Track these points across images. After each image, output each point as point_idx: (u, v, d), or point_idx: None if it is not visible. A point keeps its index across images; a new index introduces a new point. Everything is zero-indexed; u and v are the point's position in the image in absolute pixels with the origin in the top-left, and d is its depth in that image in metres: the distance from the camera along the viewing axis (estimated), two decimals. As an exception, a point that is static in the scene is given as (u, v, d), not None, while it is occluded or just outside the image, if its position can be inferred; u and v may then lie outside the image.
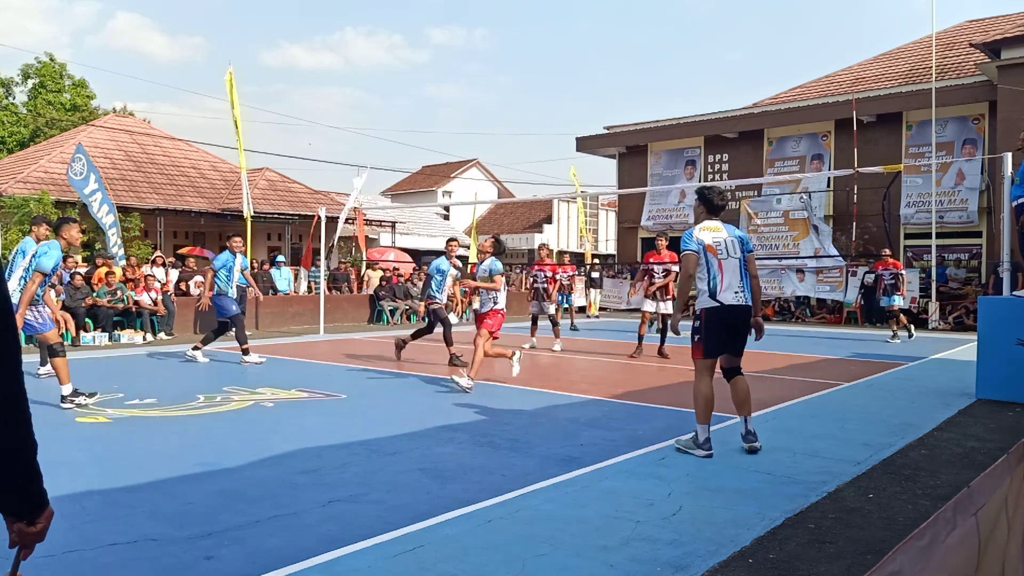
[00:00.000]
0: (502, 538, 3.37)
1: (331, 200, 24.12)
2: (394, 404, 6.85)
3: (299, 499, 3.93)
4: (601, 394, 7.44)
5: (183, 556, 3.14)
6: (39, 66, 35.27)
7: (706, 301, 4.93)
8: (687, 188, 23.17)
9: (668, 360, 10.35)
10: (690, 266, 4.96)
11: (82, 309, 12.22)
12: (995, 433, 5.70)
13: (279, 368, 9.30)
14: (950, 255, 19.02)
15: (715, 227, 5.08)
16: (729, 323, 4.96)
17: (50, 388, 6.98)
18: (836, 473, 4.50)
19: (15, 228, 16.24)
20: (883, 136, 19.90)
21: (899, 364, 10.14)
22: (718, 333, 4.95)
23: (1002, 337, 7.04)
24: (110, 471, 4.45)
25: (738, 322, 5.00)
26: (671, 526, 3.55)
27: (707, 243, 4.98)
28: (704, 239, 4.99)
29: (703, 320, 4.94)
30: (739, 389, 5.09)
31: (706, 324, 4.93)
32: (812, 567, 3.06)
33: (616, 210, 27.94)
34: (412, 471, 4.53)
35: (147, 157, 22.72)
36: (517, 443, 5.25)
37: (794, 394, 7.46)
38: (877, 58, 24.21)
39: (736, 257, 4.99)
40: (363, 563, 3.07)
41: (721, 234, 5.05)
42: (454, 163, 40.79)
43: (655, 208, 24.04)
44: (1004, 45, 16.92)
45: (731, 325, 4.98)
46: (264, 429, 5.73)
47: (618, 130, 25.55)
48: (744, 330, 5.06)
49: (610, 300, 22.29)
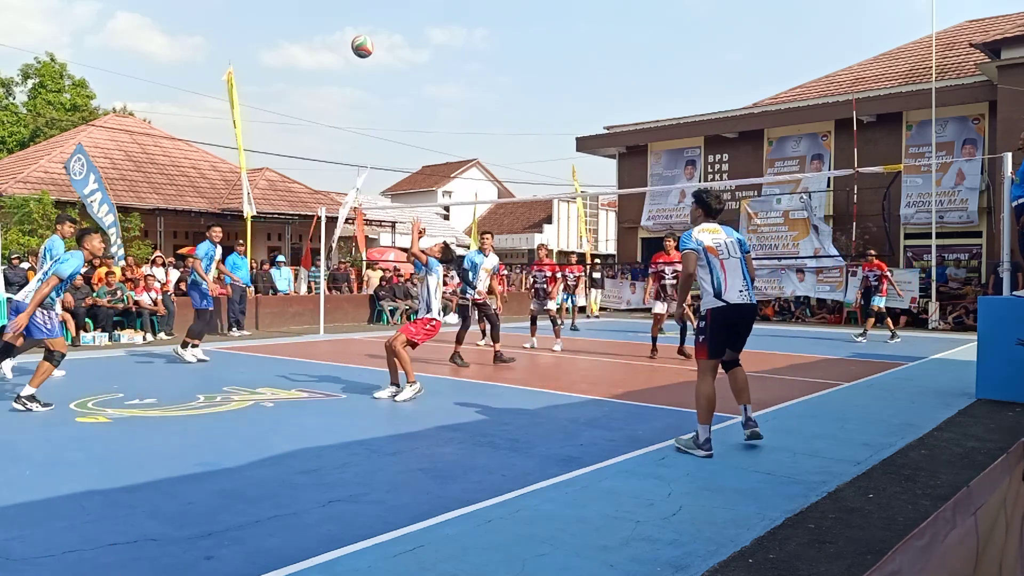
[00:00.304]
0: (502, 538, 3.37)
1: (331, 200, 24.12)
2: (394, 404, 6.85)
3: (299, 499, 3.93)
4: (601, 394, 7.43)
5: (183, 556, 3.14)
6: (39, 66, 35.28)
7: (712, 301, 4.95)
8: (687, 188, 23.19)
9: (690, 360, 10.10)
10: (690, 264, 4.99)
11: (82, 309, 12.22)
12: (995, 433, 5.70)
13: (279, 368, 9.30)
14: (950, 255, 19.02)
15: (713, 229, 5.12)
16: (734, 322, 5.00)
17: (55, 388, 6.98)
18: (836, 473, 4.50)
19: (15, 228, 16.24)
20: (883, 136, 19.90)
21: (899, 364, 10.14)
22: (723, 333, 4.99)
23: (1002, 337, 7.05)
24: (110, 471, 4.45)
25: (743, 320, 5.04)
26: (671, 526, 3.55)
27: (707, 244, 5.01)
28: (704, 240, 5.03)
29: (708, 320, 4.96)
30: (737, 378, 5.19)
31: (712, 324, 4.95)
32: (812, 567, 3.06)
33: (616, 210, 27.94)
34: (412, 471, 4.53)
35: (147, 157, 22.73)
36: (517, 443, 5.25)
37: (794, 394, 7.46)
38: (877, 58, 24.21)
39: (737, 257, 5.03)
40: (363, 563, 3.07)
41: (720, 236, 5.08)
42: (454, 163, 40.81)
43: (655, 208, 24.04)
44: (1004, 45, 16.92)
45: (735, 324, 5.02)
46: (264, 429, 5.73)
47: (618, 130, 25.55)
48: (746, 328, 5.11)
49: (610, 300, 22.29)
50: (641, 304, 21.84)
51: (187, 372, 8.95)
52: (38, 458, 4.83)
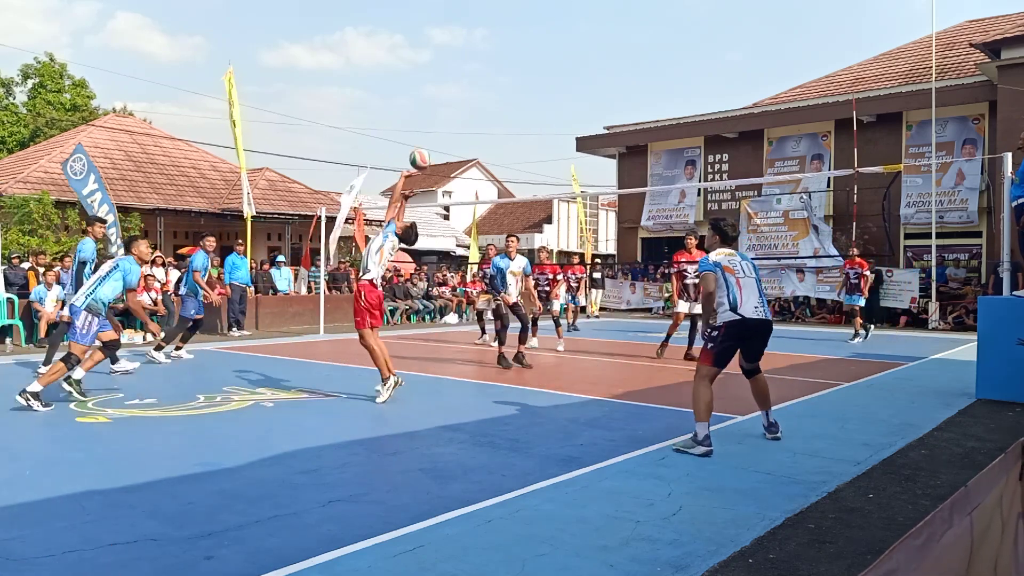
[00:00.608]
0: (502, 538, 3.38)
1: (331, 200, 24.11)
2: (394, 404, 6.86)
3: (299, 499, 3.93)
4: (601, 394, 7.44)
5: (183, 556, 3.14)
6: (39, 66, 35.26)
7: (727, 315, 5.21)
8: (687, 188, 23.20)
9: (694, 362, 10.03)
10: (709, 284, 5.29)
11: (82, 309, 12.22)
12: (995, 433, 5.70)
13: (279, 368, 9.30)
14: (950, 255, 19.02)
15: (728, 252, 5.49)
16: (748, 336, 5.26)
17: (55, 388, 6.97)
18: (836, 473, 4.50)
19: (15, 228, 16.24)
20: (883, 136, 19.90)
21: (899, 364, 10.14)
22: (732, 346, 5.24)
23: (1002, 337, 7.05)
24: (110, 471, 4.45)
25: (757, 335, 5.32)
26: (671, 526, 3.55)
27: (724, 264, 5.37)
28: (720, 261, 5.40)
29: (721, 332, 5.20)
30: (760, 386, 5.48)
31: (723, 336, 5.19)
32: (812, 567, 3.07)
33: (616, 210, 27.93)
34: (412, 471, 4.53)
35: (147, 157, 22.72)
36: (517, 443, 5.26)
37: (794, 394, 7.46)
38: (877, 58, 24.21)
39: (752, 277, 5.39)
40: (363, 563, 3.07)
41: (735, 258, 5.45)
42: (454, 163, 40.78)
43: (655, 208, 24.04)
44: (1004, 45, 16.91)
45: (749, 338, 5.29)
46: (264, 429, 5.74)
47: (618, 130, 25.54)
48: (762, 342, 5.41)
49: (610, 300, 22.30)
50: (642, 304, 21.93)
51: (187, 372, 8.96)
52: (38, 458, 4.83)
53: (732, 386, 8.10)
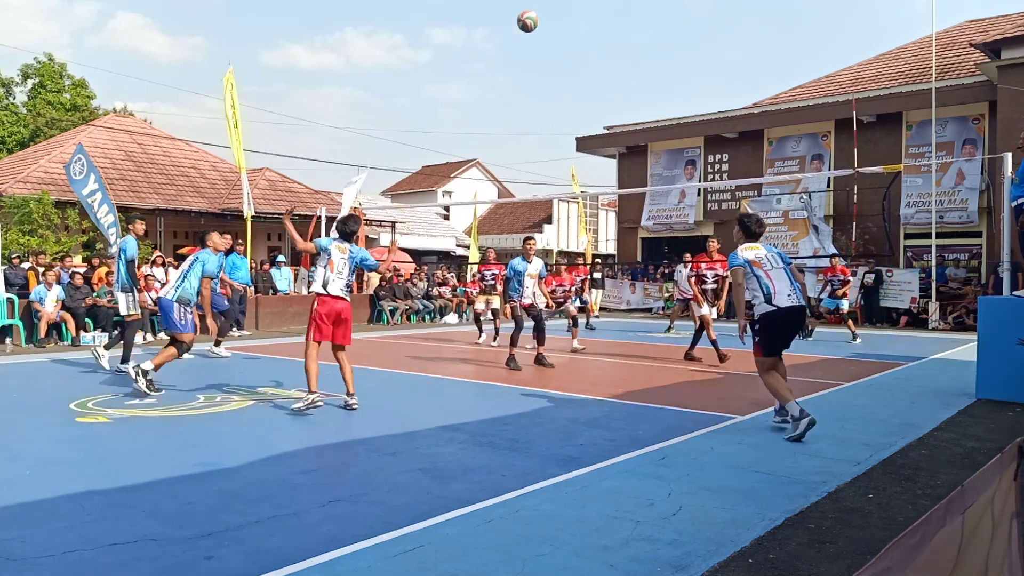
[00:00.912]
0: (502, 538, 3.38)
1: (331, 200, 24.12)
2: (394, 404, 6.86)
3: (299, 499, 3.93)
4: (601, 394, 7.44)
5: (183, 556, 3.14)
6: (39, 66, 35.26)
7: (764, 307, 5.51)
8: (687, 188, 23.19)
9: (698, 363, 9.96)
10: (738, 276, 5.62)
11: (82, 309, 12.23)
12: (995, 433, 5.70)
13: (279, 368, 9.30)
14: (950, 255, 19.01)
15: (755, 247, 5.74)
16: (787, 323, 5.56)
17: (56, 388, 6.99)
18: (836, 473, 4.50)
19: (15, 228, 16.25)
20: (883, 136, 19.90)
21: (899, 364, 10.14)
22: (775, 333, 5.57)
23: (1002, 337, 7.05)
24: (110, 471, 4.45)
25: (793, 321, 5.58)
26: (671, 526, 3.55)
27: (751, 259, 5.61)
28: (747, 256, 5.64)
29: (762, 324, 5.55)
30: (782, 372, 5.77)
31: (764, 328, 5.54)
32: (812, 567, 3.07)
33: (616, 210, 27.93)
34: (412, 471, 4.54)
35: (147, 157, 22.73)
36: (517, 443, 5.26)
37: (794, 394, 7.44)
38: (877, 58, 24.20)
39: (780, 267, 5.62)
40: (363, 563, 3.07)
41: (761, 252, 5.70)
42: (454, 163, 40.80)
43: (655, 208, 24.05)
44: (1004, 45, 16.91)
45: (787, 326, 5.58)
46: (264, 429, 5.74)
47: (618, 130, 25.54)
48: (795, 329, 5.67)
49: (611, 300, 22.30)
50: (642, 304, 21.93)
51: (187, 372, 8.96)
52: (38, 458, 4.83)
53: (732, 386, 8.11)
